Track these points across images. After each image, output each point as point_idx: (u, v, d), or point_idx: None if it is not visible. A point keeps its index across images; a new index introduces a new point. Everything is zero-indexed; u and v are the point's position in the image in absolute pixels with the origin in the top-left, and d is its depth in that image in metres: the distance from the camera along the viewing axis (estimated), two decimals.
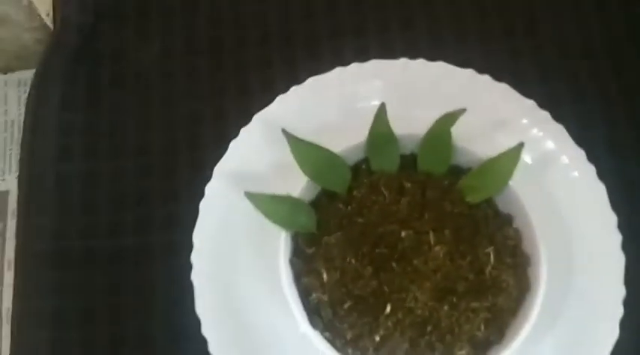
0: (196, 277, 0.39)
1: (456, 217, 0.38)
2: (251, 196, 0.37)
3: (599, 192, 0.42)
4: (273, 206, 0.37)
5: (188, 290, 0.39)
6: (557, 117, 0.43)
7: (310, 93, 0.42)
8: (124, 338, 0.43)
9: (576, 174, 0.42)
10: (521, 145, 0.38)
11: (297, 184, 0.39)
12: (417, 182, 0.39)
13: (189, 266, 0.39)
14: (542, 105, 0.43)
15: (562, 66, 0.49)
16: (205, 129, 0.47)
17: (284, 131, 0.38)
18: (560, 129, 0.43)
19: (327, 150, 0.39)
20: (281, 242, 0.38)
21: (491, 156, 0.39)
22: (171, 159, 0.47)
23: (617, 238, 0.41)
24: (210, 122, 0.48)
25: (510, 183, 0.39)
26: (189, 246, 0.39)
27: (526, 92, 0.43)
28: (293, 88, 0.42)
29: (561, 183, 0.42)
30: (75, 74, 0.47)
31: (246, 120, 0.42)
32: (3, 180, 0.75)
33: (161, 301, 0.44)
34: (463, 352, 0.36)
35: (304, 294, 0.38)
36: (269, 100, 0.42)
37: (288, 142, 0.38)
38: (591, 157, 0.42)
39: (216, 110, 0.48)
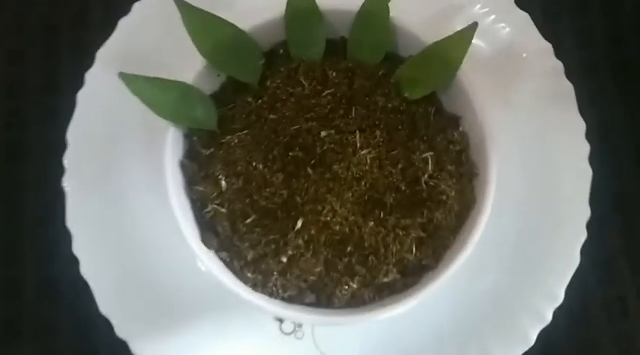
0: (69, 183, 0.32)
1: (389, 115, 0.31)
2: (126, 77, 0.29)
3: (566, 93, 0.35)
4: (156, 92, 0.29)
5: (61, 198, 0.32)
6: (522, 4, 0.36)
7: None
8: None
9: (540, 71, 0.35)
10: (473, 26, 0.30)
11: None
12: (345, 71, 0.31)
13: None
14: None
15: None
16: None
17: None
18: (524, 18, 0.36)
19: (233, 26, 0.31)
20: (167, 139, 0.30)
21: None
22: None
23: (584, 148, 0.34)
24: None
25: (459, 75, 0.31)
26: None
27: None
28: None
29: (522, 81, 0.35)
30: None
31: None
32: None
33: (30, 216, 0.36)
34: (389, 278, 0.29)
35: (198, 206, 0.30)
36: None
37: (180, 12, 0.30)
38: (559, 52, 0.35)
39: None
